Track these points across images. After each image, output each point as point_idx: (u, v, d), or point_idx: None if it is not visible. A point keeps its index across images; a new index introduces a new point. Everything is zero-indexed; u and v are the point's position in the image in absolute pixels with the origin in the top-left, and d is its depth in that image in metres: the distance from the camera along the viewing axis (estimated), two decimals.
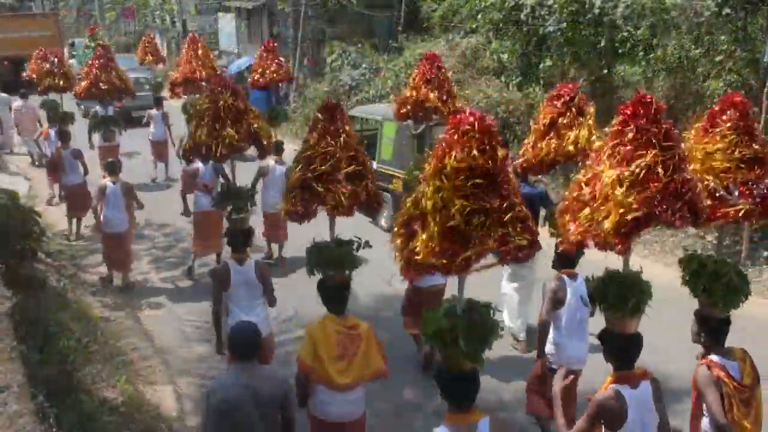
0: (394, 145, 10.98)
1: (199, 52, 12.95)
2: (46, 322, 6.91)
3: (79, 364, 6.63)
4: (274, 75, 11.84)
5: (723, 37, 9.79)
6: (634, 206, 3.63)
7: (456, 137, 3.62)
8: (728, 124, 4.40)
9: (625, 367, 3.90)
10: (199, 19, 29.90)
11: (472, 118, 3.63)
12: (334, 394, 4.61)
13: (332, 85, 20.03)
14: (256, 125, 7.26)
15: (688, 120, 11.17)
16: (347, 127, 5.19)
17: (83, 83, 13.10)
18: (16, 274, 7.29)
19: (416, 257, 3.71)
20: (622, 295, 3.93)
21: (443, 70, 7.99)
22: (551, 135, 6.54)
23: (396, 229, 3.93)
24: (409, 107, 8.12)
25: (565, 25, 11.41)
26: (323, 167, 5.00)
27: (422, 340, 5.65)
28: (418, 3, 21.37)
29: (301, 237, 6.08)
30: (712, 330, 4.40)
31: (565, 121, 6.53)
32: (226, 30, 28.82)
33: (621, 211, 3.65)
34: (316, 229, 5.52)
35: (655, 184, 3.64)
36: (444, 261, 3.63)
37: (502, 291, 7.79)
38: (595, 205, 3.83)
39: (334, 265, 4.92)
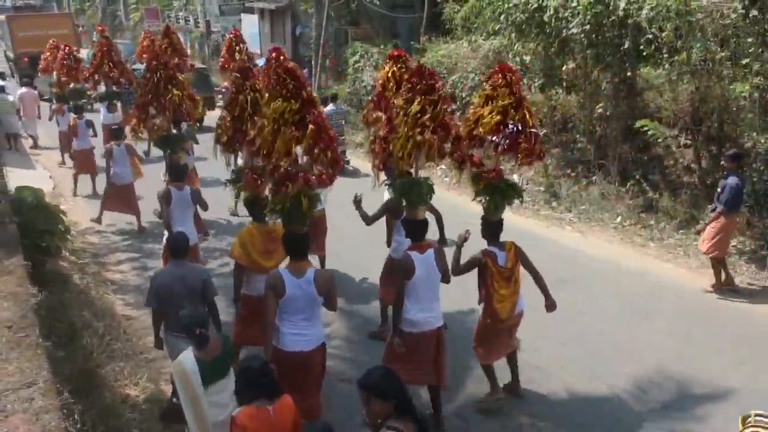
0: None
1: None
2: (71, 319, 6.99)
3: (102, 362, 6.70)
4: None
5: (749, 40, 9.64)
6: (416, 136, 6.02)
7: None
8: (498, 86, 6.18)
9: (417, 240, 5.95)
10: (222, 20, 30.06)
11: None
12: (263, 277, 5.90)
13: (354, 86, 20.06)
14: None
15: (713, 123, 11.06)
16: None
17: (88, 69, 15.00)
18: (42, 271, 7.39)
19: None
20: (416, 194, 6.29)
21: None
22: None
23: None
24: None
25: (588, 27, 11.32)
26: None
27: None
28: (441, 4, 21.33)
29: None
30: (490, 229, 6.26)
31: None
32: (249, 31, 28.95)
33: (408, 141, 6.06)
34: None
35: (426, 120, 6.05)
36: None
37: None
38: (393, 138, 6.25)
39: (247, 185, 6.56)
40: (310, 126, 5.62)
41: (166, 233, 8.08)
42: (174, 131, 9.96)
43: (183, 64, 12.71)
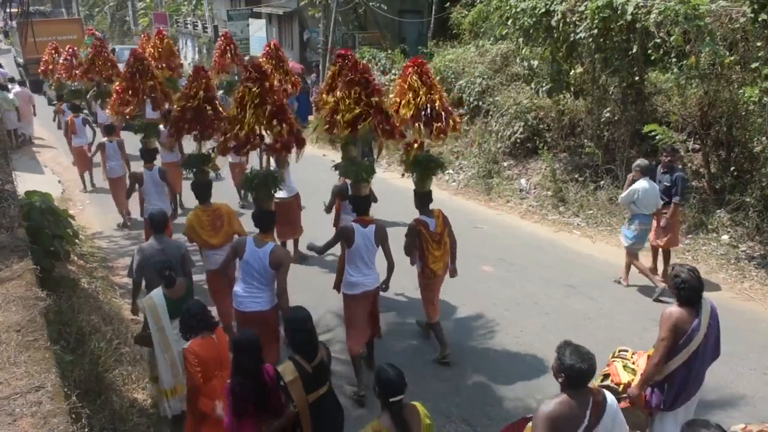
0: None
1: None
2: (79, 323, 7.00)
3: (110, 366, 6.71)
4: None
5: (758, 44, 9.60)
6: (351, 112, 6.77)
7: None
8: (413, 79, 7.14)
9: (361, 214, 6.78)
10: (230, 25, 30.16)
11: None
12: (215, 251, 7.33)
13: None
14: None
15: (722, 128, 11.02)
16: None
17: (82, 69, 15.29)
18: (50, 275, 7.41)
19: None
20: (359, 173, 7.04)
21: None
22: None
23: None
24: None
25: (596, 31, 11.29)
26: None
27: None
28: (449, 9, 21.35)
29: None
30: (420, 199, 7.22)
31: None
32: (257, 35, 29.05)
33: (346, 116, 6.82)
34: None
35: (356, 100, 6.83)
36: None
37: None
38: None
39: (196, 171, 7.77)
40: (268, 107, 6.79)
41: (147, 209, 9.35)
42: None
43: (171, 63, 13.51)
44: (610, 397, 4.08)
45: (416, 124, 7.13)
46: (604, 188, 12.31)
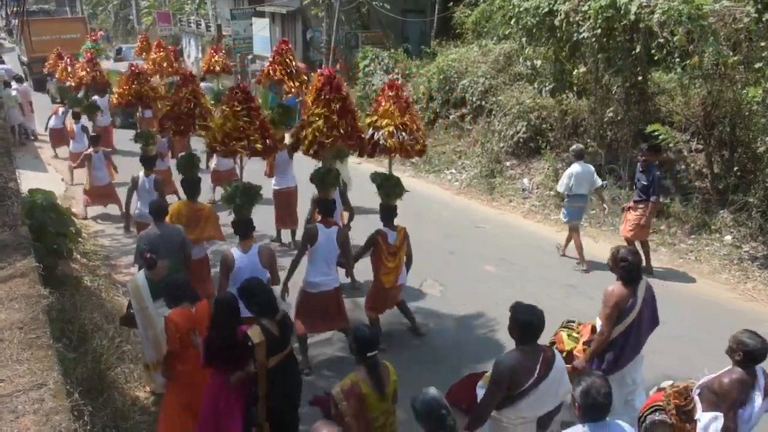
0: None
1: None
2: (81, 321, 7.02)
3: (112, 364, 6.72)
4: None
5: (762, 44, 9.58)
6: (322, 129, 7.66)
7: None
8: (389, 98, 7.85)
9: (326, 216, 7.31)
10: (233, 24, 30.12)
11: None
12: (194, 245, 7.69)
13: (364, 89, 20.08)
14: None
15: (725, 128, 11.00)
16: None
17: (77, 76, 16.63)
18: (53, 273, 7.43)
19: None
20: (328, 181, 7.90)
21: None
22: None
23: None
24: None
25: (599, 31, 11.27)
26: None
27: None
28: (452, 9, 21.33)
29: None
30: (384, 213, 7.58)
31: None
32: (260, 35, 29.03)
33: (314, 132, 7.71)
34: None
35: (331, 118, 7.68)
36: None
37: None
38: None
39: (186, 169, 8.51)
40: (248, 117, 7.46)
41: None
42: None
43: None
44: (558, 355, 4.70)
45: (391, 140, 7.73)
46: (607, 188, 12.30)
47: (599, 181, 10.06)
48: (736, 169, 10.98)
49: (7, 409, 3.55)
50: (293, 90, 11.15)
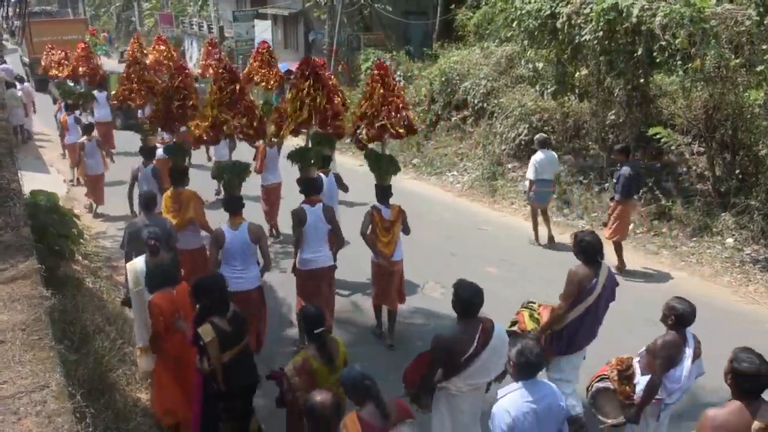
0: None
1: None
2: (83, 322, 7.03)
3: (114, 365, 6.72)
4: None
5: (764, 47, 9.58)
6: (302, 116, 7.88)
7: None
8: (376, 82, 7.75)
9: (309, 195, 7.42)
10: (236, 26, 30.16)
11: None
12: (182, 232, 7.96)
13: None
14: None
15: (727, 130, 11.00)
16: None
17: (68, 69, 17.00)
18: (55, 275, 7.44)
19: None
20: (307, 158, 8.24)
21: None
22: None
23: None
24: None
25: (601, 33, 11.27)
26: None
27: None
28: (454, 11, 21.34)
29: None
30: (380, 192, 7.68)
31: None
32: (262, 36, 29.07)
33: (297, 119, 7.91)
34: None
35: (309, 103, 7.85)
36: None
37: None
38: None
39: (174, 157, 8.71)
40: (237, 106, 7.71)
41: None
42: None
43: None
44: (498, 327, 5.02)
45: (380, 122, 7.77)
46: (608, 190, 12.29)
47: (560, 167, 10.57)
48: (737, 171, 10.98)
49: (9, 410, 3.56)
50: (275, 87, 11.81)
